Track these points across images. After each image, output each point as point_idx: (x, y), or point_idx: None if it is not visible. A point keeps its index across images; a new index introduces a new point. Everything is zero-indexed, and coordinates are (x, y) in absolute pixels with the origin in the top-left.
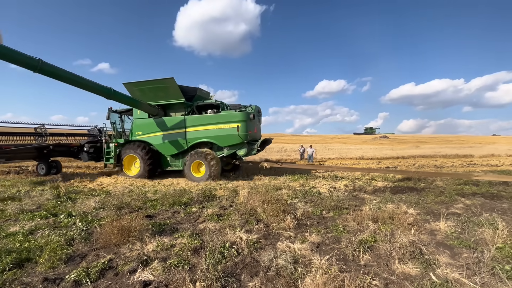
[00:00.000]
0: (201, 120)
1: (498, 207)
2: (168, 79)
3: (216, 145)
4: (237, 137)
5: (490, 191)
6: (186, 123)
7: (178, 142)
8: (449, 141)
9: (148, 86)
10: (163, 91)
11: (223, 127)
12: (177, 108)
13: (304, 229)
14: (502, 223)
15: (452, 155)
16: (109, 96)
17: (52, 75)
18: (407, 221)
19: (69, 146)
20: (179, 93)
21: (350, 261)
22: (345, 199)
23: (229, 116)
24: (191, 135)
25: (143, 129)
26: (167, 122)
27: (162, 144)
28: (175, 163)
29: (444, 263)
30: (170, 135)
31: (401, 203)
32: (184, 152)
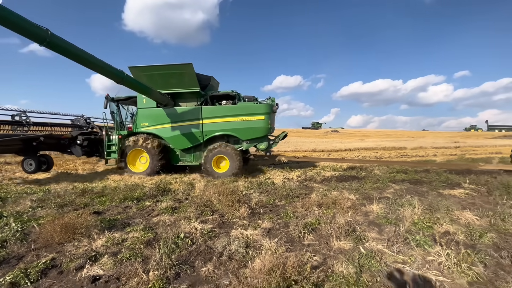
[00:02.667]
0: (221, 111)
1: (419, 190)
2: (185, 65)
3: (233, 138)
4: (261, 130)
5: (415, 177)
6: (203, 114)
7: (193, 135)
8: (388, 135)
9: (159, 72)
10: (177, 78)
11: (246, 119)
12: (188, 98)
13: (257, 217)
14: (418, 203)
15: (389, 147)
16: (121, 81)
17: (61, 50)
18: (346, 205)
19: (60, 138)
20: (196, 82)
21: (296, 242)
22: (296, 188)
23: (253, 108)
24: (208, 127)
25: (150, 120)
26: (179, 113)
27: (173, 137)
28: (185, 158)
29: (372, 238)
30: (183, 127)
31: (344, 190)
32: (198, 146)
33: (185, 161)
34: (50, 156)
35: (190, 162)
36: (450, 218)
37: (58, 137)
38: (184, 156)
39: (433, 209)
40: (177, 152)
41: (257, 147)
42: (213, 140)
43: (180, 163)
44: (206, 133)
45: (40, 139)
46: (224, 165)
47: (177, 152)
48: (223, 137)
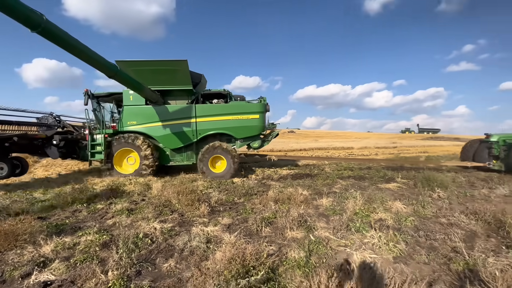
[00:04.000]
0: (216, 109)
1: (361, 185)
2: (179, 62)
3: (225, 137)
4: (256, 129)
5: (359, 174)
6: (196, 113)
7: (185, 134)
8: (339, 136)
9: (150, 68)
10: (170, 75)
11: (241, 118)
12: (178, 95)
13: (217, 215)
14: (360, 196)
15: (339, 147)
16: (114, 75)
17: (55, 38)
18: (300, 200)
19: (33, 138)
20: (189, 79)
21: (254, 235)
22: (254, 186)
23: (248, 107)
24: (202, 126)
25: (139, 118)
26: (171, 111)
27: (164, 136)
28: (176, 157)
29: (321, 227)
30: (175, 125)
31: (299, 186)
32: (189, 145)
33: (176, 161)
34: (24, 158)
35: (182, 162)
36: (384, 207)
37: (32, 137)
38: (175, 156)
39: (371, 200)
40: (167, 152)
41: (250, 146)
42: (204, 139)
43: (171, 163)
44: (199, 132)
45: (13, 139)
46: (220, 165)
47: (167, 152)
48: (215, 136)
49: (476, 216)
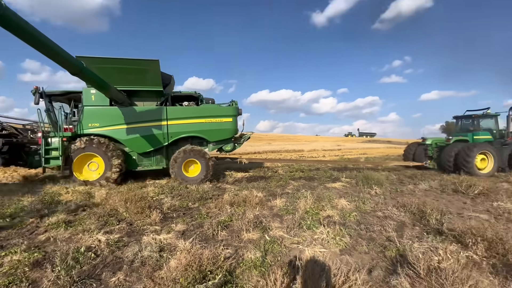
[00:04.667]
0: (188, 112)
1: (311, 185)
2: (151, 62)
3: (197, 140)
4: (229, 132)
5: (309, 175)
6: (168, 115)
7: (155, 137)
8: (290, 139)
9: (117, 66)
10: (139, 74)
11: (214, 121)
12: (146, 96)
13: (170, 221)
14: (310, 196)
15: (291, 150)
16: (78, 72)
17: (14, 27)
18: (255, 202)
19: None
20: (159, 80)
21: (210, 239)
22: (209, 190)
23: (221, 110)
24: (174, 128)
25: (103, 119)
26: (139, 113)
27: (131, 139)
28: (144, 162)
29: (275, 227)
30: (144, 128)
31: (253, 189)
32: (159, 149)
33: (144, 165)
34: None
35: (151, 166)
36: (331, 205)
37: None
38: (142, 161)
39: (320, 199)
40: (133, 157)
41: (222, 149)
42: (175, 143)
43: (139, 168)
44: (171, 135)
45: None
46: (193, 169)
47: (134, 157)
48: (186, 140)
49: (404, 209)
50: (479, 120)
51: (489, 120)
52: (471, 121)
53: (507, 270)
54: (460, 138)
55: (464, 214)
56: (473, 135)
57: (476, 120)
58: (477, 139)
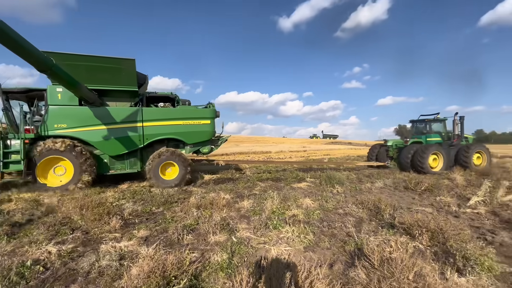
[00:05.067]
0: (166, 114)
1: (278, 186)
2: (127, 61)
3: (173, 142)
4: (207, 134)
5: (276, 176)
6: (144, 116)
7: (130, 139)
8: (258, 141)
9: (89, 64)
10: (113, 73)
11: (192, 123)
12: (119, 97)
13: (132, 228)
14: (277, 196)
15: (259, 152)
16: (48, 70)
17: None
18: (222, 204)
19: None
20: (135, 80)
21: (175, 244)
22: (175, 193)
23: (200, 112)
24: (150, 130)
25: (71, 120)
26: (113, 114)
27: (103, 142)
28: (116, 165)
29: (242, 228)
30: (118, 130)
31: (221, 191)
32: (133, 152)
33: (116, 169)
34: None
35: (124, 170)
36: (297, 204)
37: None
38: (115, 164)
39: (286, 199)
40: (105, 160)
41: (200, 151)
42: (150, 145)
43: (112, 171)
44: (147, 137)
45: None
46: (171, 171)
47: (106, 160)
48: (162, 142)
49: (362, 205)
50: (430, 124)
51: (438, 124)
52: (424, 125)
53: (445, 256)
54: (415, 140)
55: (413, 209)
56: (426, 137)
57: (428, 124)
58: (429, 140)
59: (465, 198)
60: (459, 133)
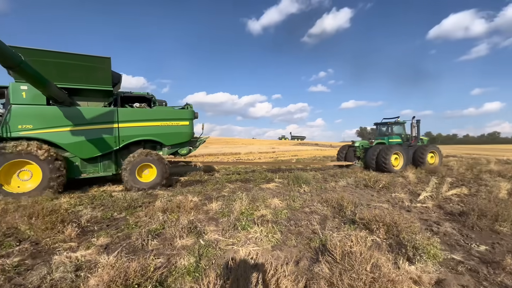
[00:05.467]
0: (143, 114)
1: (247, 187)
2: (102, 59)
3: (150, 144)
4: (186, 135)
5: (245, 177)
6: (119, 117)
7: (105, 141)
8: (228, 142)
9: (60, 61)
10: (86, 72)
11: (171, 124)
12: (91, 96)
13: (90, 235)
14: (245, 197)
15: (228, 153)
16: (15, 66)
17: None
18: (190, 206)
19: None
20: (109, 79)
21: (139, 250)
22: (139, 198)
23: (178, 113)
24: (126, 131)
25: (38, 121)
26: (85, 114)
27: (75, 144)
28: (89, 169)
29: (210, 230)
30: (91, 131)
31: (189, 194)
32: (107, 154)
33: (89, 172)
34: None
35: (97, 173)
36: (265, 205)
37: None
38: (87, 167)
39: (255, 200)
40: (76, 163)
41: (178, 152)
42: (126, 147)
43: (84, 175)
44: (123, 139)
45: None
46: (148, 174)
47: (77, 163)
48: (138, 143)
49: (327, 203)
50: (392, 127)
51: (399, 126)
52: (386, 127)
53: (399, 247)
54: (379, 141)
55: (372, 205)
56: (388, 139)
57: (390, 126)
58: (391, 142)
59: (416, 194)
60: (416, 135)
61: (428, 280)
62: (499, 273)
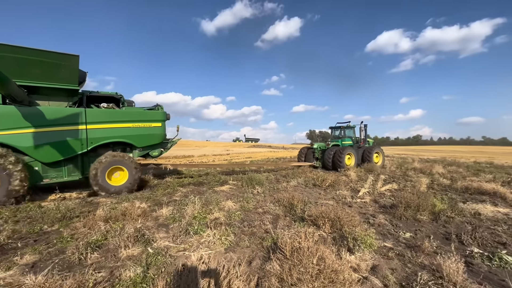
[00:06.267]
0: (113, 116)
1: (200, 190)
2: (69, 56)
3: (119, 146)
4: (158, 137)
5: (199, 180)
6: (87, 118)
7: (70, 144)
8: (181, 144)
9: (19, 56)
10: (50, 69)
11: (142, 125)
12: (53, 95)
13: (12, 254)
14: (198, 201)
15: (180, 156)
16: None
17: None
18: (137, 214)
19: None
20: (76, 78)
21: (76, 266)
22: (76, 207)
23: (150, 114)
24: (95, 133)
25: None
26: (48, 114)
27: (36, 147)
28: (51, 174)
29: (160, 237)
30: (55, 133)
31: (136, 200)
32: (73, 158)
33: (51, 177)
34: None
35: (61, 178)
36: (219, 207)
37: None
38: (48, 172)
39: (208, 203)
40: (36, 168)
41: (149, 154)
42: (93, 149)
43: (46, 180)
44: (91, 141)
45: None
46: (118, 177)
47: (37, 168)
48: (107, 146)
49: (279, 203)
50: (344, 130)
51: (350, 130)
52: (339, 131)
53: (341, 240)
54: (335, 143)
55: (319, 202)
56: (341, 141)
57: (343, 130)
58: (344, 144)
59: (356, 190)
60: (364, 138)
61: (365, 267)
62: (420, 255)
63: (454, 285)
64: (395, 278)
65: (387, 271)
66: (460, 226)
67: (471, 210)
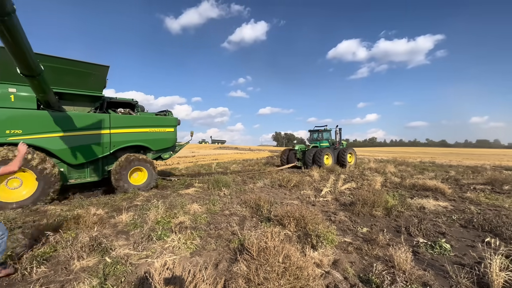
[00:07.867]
0: (134, 121)
1: (164, 194)
2: (100, 67)
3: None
4: (171, 141)
5: (162, 183)
6: (112, 123)
7: (95, 147)
8: None
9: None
10: (81, 77)
11: (158, 130)
12: (78, 101)
13: None
14: (162, 205)
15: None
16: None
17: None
18: (92, 221)
19: None
20: (102, 86)
21: (19, 282)
22: (18, 217)
23: (166, 120)
24: (118, 137)
25: (27, 126)
26: (76, 119)
27: (65, 150)
28: (74, 174)
29: (119, 245)
30: (82, 137)
31: (91, 206)
32: (95, 160)
33: (75, 178)
34: None
35: (84, 179)
36: (184, 211)
37: None
38: (72, 173)
39: (172, 207)
40: (61, 169)
41: (161, 157)
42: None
43: (71, 181)
44: (114, 144)
45: None
46: (138, 177)
47: (62, 169)
48: (125, 149)
49: (246, 204)
50: (322, 133)
51: (326, 133)
52: (317, 134)
53: (305, 237)
54: (314, 145)
55: (284, 202)
56: (320, 143)
57: (320, 133)
58: (322, 145)
59: (319, 190)
60: (339, 140)
61: (327, 262)
62: (375, 247)
63: (404, 273)
64: (353, 270)
65: (346, 265)
66: (408, 220)
67: (417, 204)
